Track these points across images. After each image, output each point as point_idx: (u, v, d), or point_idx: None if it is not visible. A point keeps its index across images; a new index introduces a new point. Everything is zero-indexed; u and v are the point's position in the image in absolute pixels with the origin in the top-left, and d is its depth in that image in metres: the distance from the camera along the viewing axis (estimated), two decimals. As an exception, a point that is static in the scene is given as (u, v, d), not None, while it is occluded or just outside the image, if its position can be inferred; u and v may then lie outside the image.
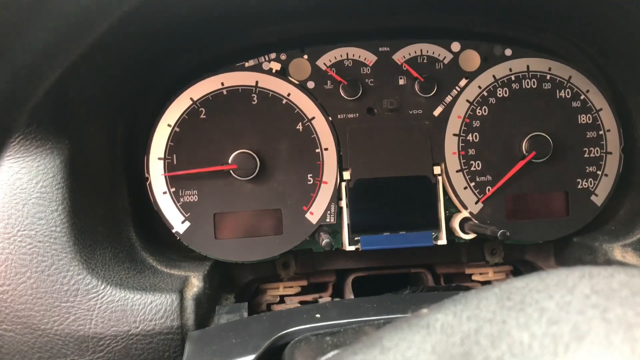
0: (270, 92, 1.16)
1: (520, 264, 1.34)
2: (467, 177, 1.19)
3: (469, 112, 1.20)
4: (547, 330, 0.36)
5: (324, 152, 1.17)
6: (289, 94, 1.17)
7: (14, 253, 0.92)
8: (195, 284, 1.02)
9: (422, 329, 0.44)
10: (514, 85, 1.20)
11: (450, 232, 1.19)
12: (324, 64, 1.19)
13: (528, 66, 1.20)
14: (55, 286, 0.92)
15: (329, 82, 1.18)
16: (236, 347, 0.81)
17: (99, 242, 0.99)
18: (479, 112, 1.20)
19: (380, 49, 1.20)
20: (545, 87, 1.20)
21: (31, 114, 0.83)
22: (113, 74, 1.05)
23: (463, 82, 1.20)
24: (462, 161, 1.19)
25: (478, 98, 1.20)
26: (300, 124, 1.17)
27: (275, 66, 1.17)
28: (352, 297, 1.27)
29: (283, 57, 1.18)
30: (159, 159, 1.13)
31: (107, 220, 1.04)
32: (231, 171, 1.13)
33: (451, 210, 1.20)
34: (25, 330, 0.91)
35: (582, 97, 1.20)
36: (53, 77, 0.35)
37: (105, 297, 0.93)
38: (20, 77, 0.31)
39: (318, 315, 0.86)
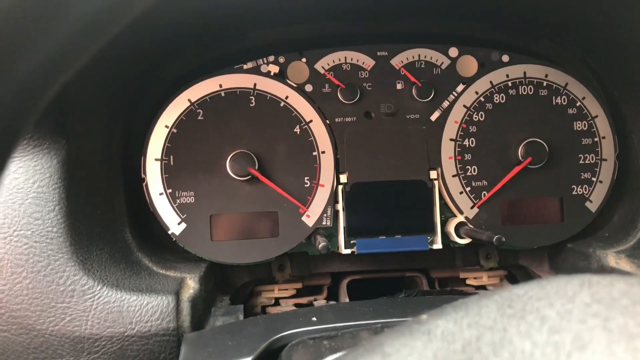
0: (268, 95, 1.16)
1: (514, 268, 1.35)
2: (463, 182, 1.20)
3: (465, 117, 1.20)
4: (548, 339, 0.36)
5: (321, 155, 1.17)
6: (286, 97, 1.17)
7: (10, 253, 0.91)
8: (191, 285, 1.02)
9: (423, 336, 0.44)
10: (510, 92, 1.21)
11: (445, 236, 1.20)
12: (322, 67, 1.19)
13: (525, 72, 1.21)
14: (51, 287, 0.91)
15: (326, 85, 1.19)
16: (232, 349, 0.81)
17: (95, 243, 0.99)
18: (475, 118, 1.20)
19: (378, 53, 1.20)
20: (542, 94, 1.21)
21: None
22: (111, 75, 1.05)
23: (460, 88, 1.21)
24: (458, 166, 1.20)
25: (475, 103, 1.20)
26: (297, 126, 1.17)
27: (274, 69, 1.17)
28: (347, 300, 1.27)
29: (281, 60, 1.18)
30: (156, 160, 1.13)
31: (104, 220, 1.04)
32: (229, 170, 1.12)
33: (447, 214, 1.21)
34: (21, 330, 0.91)
35: (578, 104, 1.21)
36: (62, 81, 0.35)
37: (102, 298, 0.93)
38: (34, 82, 0.32)
39: (314, 319, 0.86)
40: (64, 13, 0.31)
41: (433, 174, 1.19)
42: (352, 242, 1.17)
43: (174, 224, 1.13)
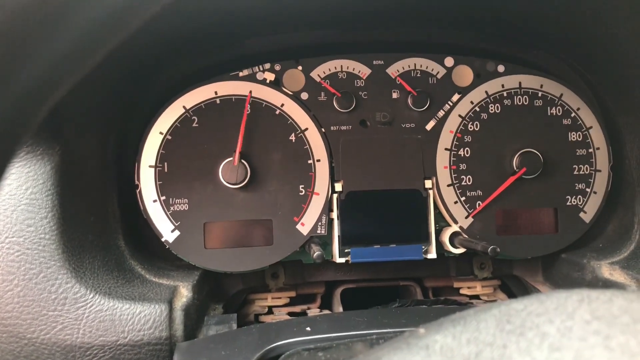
0: (264, 102, 1.16)
1: (508, 278, 1.35)
2: (457, 192, 1.19)
3: (460, 127, 1.20)
4: (549, 357, 0.36)
5: (316, 163, 1.16)
6: (282, 105, 1.16)
7: (2, 260, 0.90)
8: (184, 294, 1.01)
9: (421, 350, 0.43)
10: (505, 102, 1.21)
11: (440, 246, 1.20)
12: (318, 75, 1.19)
13: (520, 83, 1.21)
14: (43, 294, 0.90)
15: (322, 93, 1.19)
16: (225, 359, 0.80)
17: (88, 250, 0.98)
18: (470, 127, 1.20)
19: (374, 62, 1.20)
20: (537, 104, 1.21)
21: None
22: (106, 81, 1.04)
23: (456, 97, 1.21)
24: (453, 175, 1.20)
25: (470, 113, 1.20)
26: (293, 134, 1.16)
27: (270, 76, 1.17)
28: (341, 308, 1.27)
29: (277, 67, 1.18)
30: (150, 166, 1.12)
31: (97, 228, 1.03)
32: (222, 179, 1.12)
33: (441, 224, 1.21)
34: (11, 339, 0.89)
35: (573, 114, 1.22)
36: (66, 88, 0.35)
37: (94, 306, 0.92)
38: (40, 89, 0.31)
39: (308, 329, 0.85)
40: (72, 16, 0.31)
41: (428, 184, 1.19)
42: (346, 250, 1.16)
43: (167, 231, 1.12)
